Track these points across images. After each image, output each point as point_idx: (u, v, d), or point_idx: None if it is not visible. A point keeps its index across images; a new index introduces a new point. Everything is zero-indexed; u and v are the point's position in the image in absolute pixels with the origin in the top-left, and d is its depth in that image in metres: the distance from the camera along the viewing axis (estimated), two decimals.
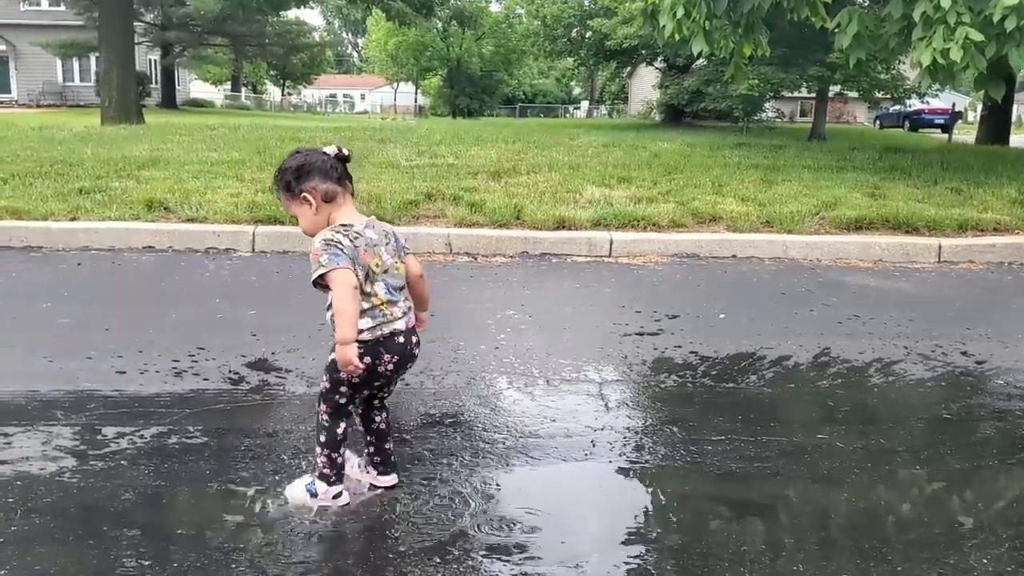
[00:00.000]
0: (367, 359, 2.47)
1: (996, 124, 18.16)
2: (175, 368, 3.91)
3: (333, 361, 2.52)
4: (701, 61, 25.07)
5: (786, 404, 3.76)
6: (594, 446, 3.20)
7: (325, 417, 2.62)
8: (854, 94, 29.46)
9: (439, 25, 50.57)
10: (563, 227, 7.05)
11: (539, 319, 4.92)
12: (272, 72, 61.26)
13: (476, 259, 6.56)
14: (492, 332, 4.62)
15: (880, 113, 41.60)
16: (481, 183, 8.51)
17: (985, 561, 2.44)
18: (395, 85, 63.91)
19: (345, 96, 75.52)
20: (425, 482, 2.85)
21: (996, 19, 7.27)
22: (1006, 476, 3.04)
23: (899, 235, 7.05)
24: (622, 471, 3.01)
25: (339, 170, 2.55)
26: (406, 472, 2.89)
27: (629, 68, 39.61)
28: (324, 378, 2.61)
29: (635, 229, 7.11)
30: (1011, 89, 16.76)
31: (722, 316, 5.08)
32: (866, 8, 9.95)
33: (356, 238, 2.48)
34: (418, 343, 2.68)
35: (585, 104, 62.54)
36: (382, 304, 2.53)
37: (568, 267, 6.43)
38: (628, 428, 3.38)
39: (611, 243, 6.80)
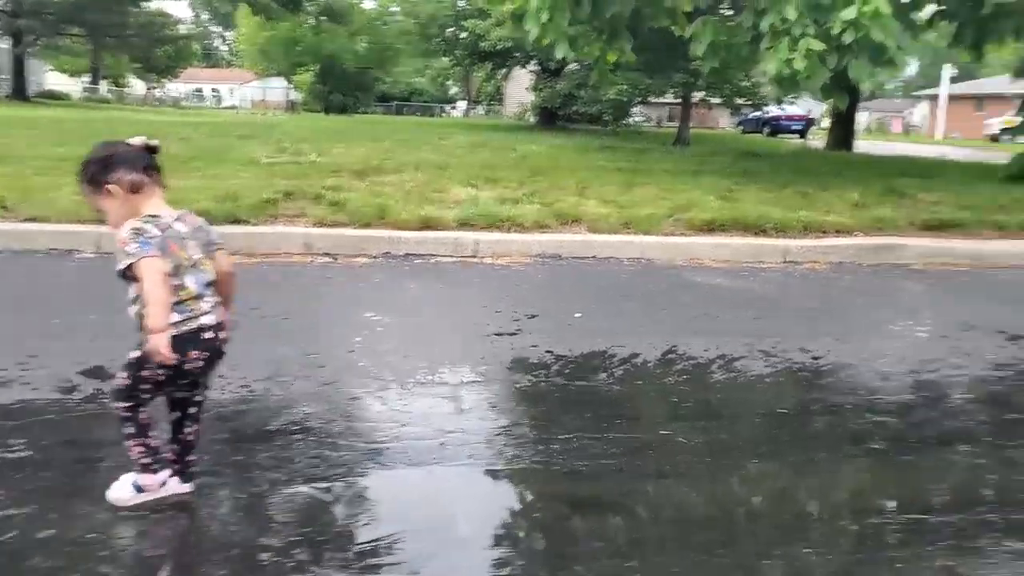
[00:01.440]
0: (174, 355, 2.40)
1: (843, 131, 19.21)
2: (1, 378, 3.70)
3: (137, 358, 2.45)
4: (573, 66, 25.52)
5: (633, 401, 3.86)
6: (444, 449, 3.20)
7: (125, 413, 2.52)
8: (717, 100, 30.66)
9: (310, 20, 49.62)
10: (428, 227, 7.05)
11: (398, 321, 4.90)
12: (135, 64, 58.73)
13: (337, 260, 6.47)
14: (347, 335, 4.57)
15: (742, 119, 43.34)
16: (345, 182, 8.41)
17: (823, 549, 2.57)
18: (265, 80, 62.28)
19: (213, 91, 73.12)
20: (262, 491, 2.79)
21: (835, 32, 7.70)
22: (838, 467, 3.21)
23: (749, 236, 7.36)
24: (472, 473, 3.03)
25: (146, 160, 2.50)
26: (241, 481, 2.83)
27: (505, 70, 39.89)
28: (123, 375, 2.50)
29: (500, 230, 7.18)
30: (855, 98, 17.77)
31: (579, 315, 5.18)
32: (720, 19, 10.34)
33: (166, 228, 2.43)
34: (226, 340, 2.60)
35: (462, 104, 62.62)
36: (190, 299, 2.48)
37: (432, 268, 6.43)
38: (480, 430, 3.40)
39: (476, 244, 6.84)
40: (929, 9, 10.92)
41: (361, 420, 3.47)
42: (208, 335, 2.51)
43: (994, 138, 36.07)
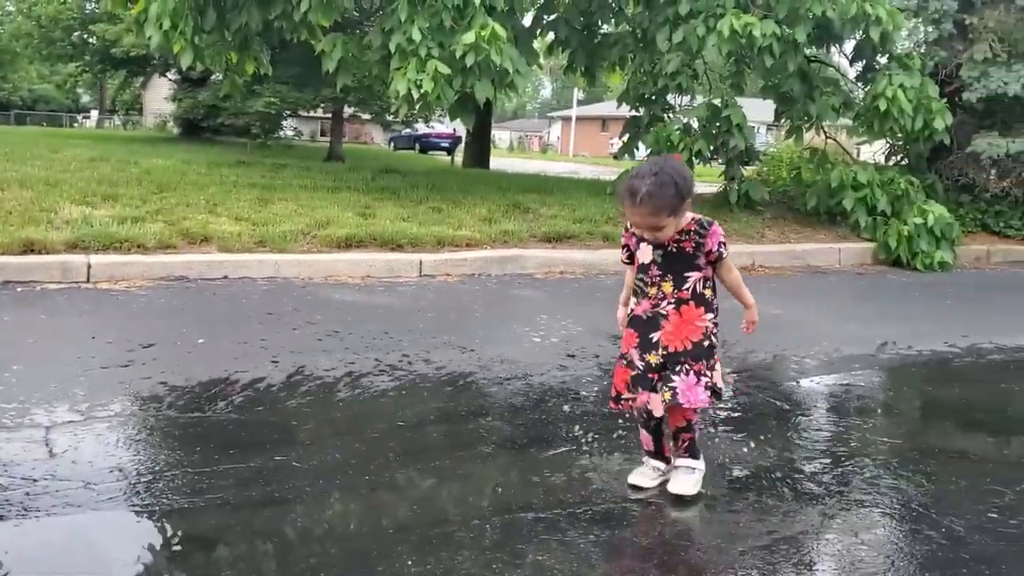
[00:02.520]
0: None
1: (478, 149, 20.29)
2: None
3: None
4: (217, 75, 24.50)
5: (251, 429, 3.73)
6: (31, 498, 2.88)
7: None
8: (367, 116, 31.04)
9: None
10: (32, 251, 6.36)
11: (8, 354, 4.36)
12: None
13: None
14: None
15: (394, 135, 44.28)
16: None
17: (426, 559, 2.63)
18: None
19: None
20: None
21: (458, 55, 8.11)
22: (447, 475, 3.33)
23: (386, 251, 7.49)
24: (63, 524, 2.75)
25: None
26: None
27: (142, 78, 37.36)
28: None
29: (118, 251, 6.67)
30: (488, 118, 18.90)
31: (201, 341, 4.94)
32: (352, 36, 10.46)
33: None
34: None
35: (95, 114, 57.68)
36: None
37: (36, 296, 5.81)
38: (73, 475, 3.10)
39: (89, 267, 6.29)
40: (549, 36, 11.86)
41: None
42: None
43: (616, 156, 40.13)
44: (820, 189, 10.44)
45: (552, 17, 11.24)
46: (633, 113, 11.45)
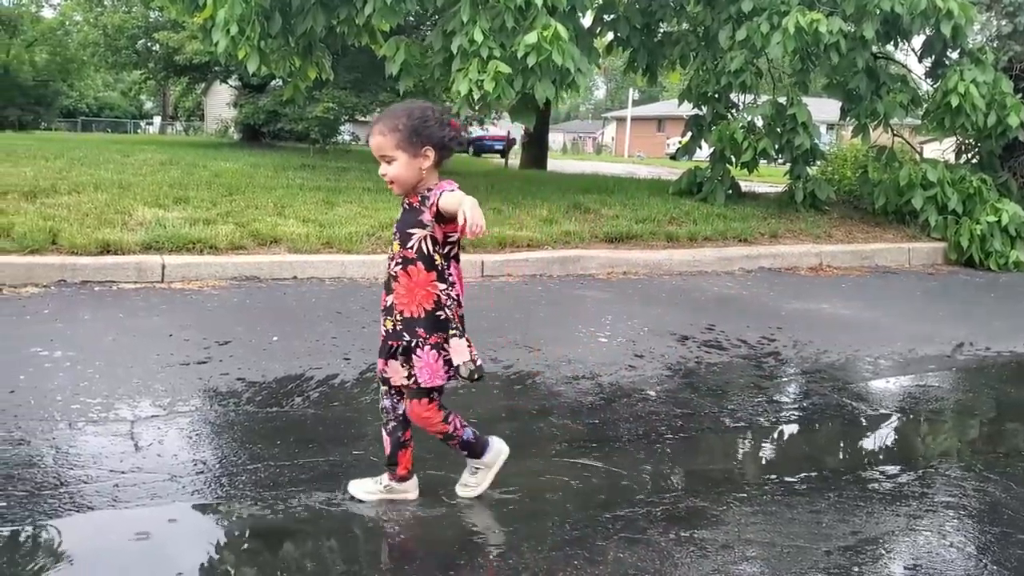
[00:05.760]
0: None
1: (536, 150, 20.30)
2: None
3: None
4: (277, 81, 24.93)
5: (328, 424, 3.79)
6: (119, 490, 2.96)
7: None
8: None
9: None
10: (108, 252, 6.54)
11: (70, 355, 4.48)
12: None
13: (1, 291, 5.82)
14: (10, 373, 4.12)
15: None
16: (11, 204, 7.59)
17: (505, 556, 2.64)
18: None
19: None
20: None
21: (520, 55, 8.13)
22: (519, 472, 3.33)
23: None
24: (149, 515, 2.82)
25: None
26: None
27: (203, 84, 38.14)
28: None
29: (191, 252, 6.81)
30: (546, 118, 18.88)
31: (275, 339, 5.02)
32: (414, 38, 10.56)
33: None
34: None
35: (158, 120, 59.01)
36: None
37: (113, 295, 5.96)
38: (158, 468, 3.18)
39: (163, 268, 6.44)
40: (608, 36, 11.84)
41: (21, 466, 3.12)
42: None
43: (673, 156, 39.84)
44: (888, 188, 10.24)
45: (612, 16, 11.20)
46: (695, 112, 11.36)
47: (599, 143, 62.66)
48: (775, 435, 3.97)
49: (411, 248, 2.74)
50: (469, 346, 2.80)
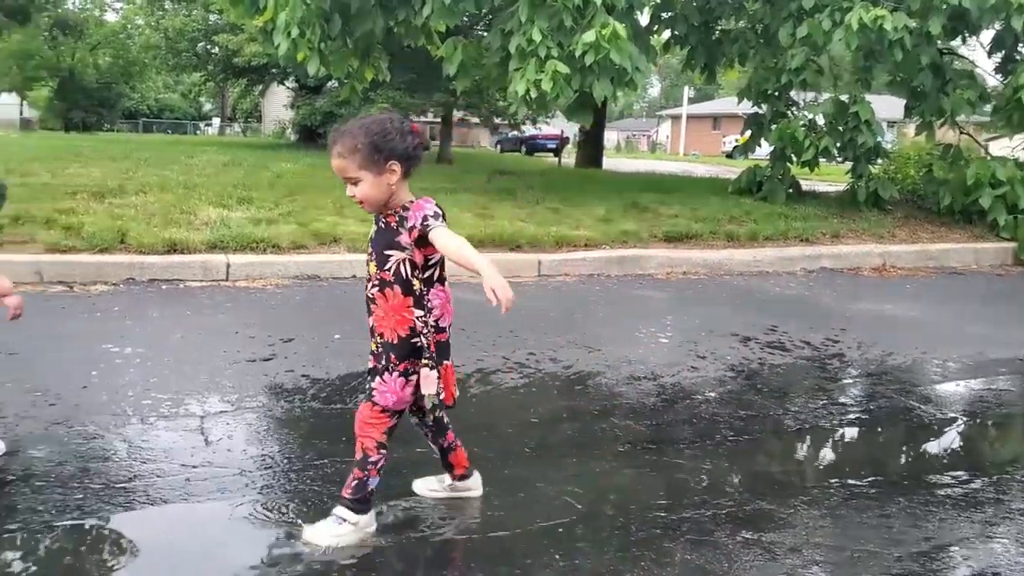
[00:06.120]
0: None
1: (592, 149, 20.23)
2: None
3: None
4: (332, 83, 25.23)
5: None
6: (189, 484, 3.02)
7: None
8: (476, 120, 31.41)
9: (44, 32, 45.81)
10: (175, 251, 6.68)
11: (140, 352, 4.59)
12: None
13: (72, 288, 5.99)
14: (82, 369, 4.23)
15: (501, 138, 44.65)
16: (81, 204, 7.80)
17: (572, 555, 2.64)
18: None
19: None
20: None
21: (578, 54, 8.11)
22: (583, 472, 3.33)
23: (504, 251, 7.56)
24: (217, 509, 2.87)
25: None
26: None
27: (261, 86, 38.77)
28: None
29: (254, 252, 6.92)
30: (601, 117, 18.79)
31: (337, 337, 5.09)
32: (471, 39, 10.60)
33: None
34: None
35: (217, 121, 60.12)
36: None
37: (180, 293, 6.09)
38: (227, 463, 3.24)
39: (228, 266, 6.56)
40: (666, 34, 11.77)
41: (96, 460, 3.20)
42: None
43: (729, 155, 39.39)
44: (954, 187, 10.00)
45: (670, 14, 11.12)
46: (754, 110, 11.22)
47: (653, 141, 62.23)
48: (841, 438, 3.91)
49: (388, 270, 2.60)
50: (439, 377, 2.65)
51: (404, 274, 2.60)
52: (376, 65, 11.42)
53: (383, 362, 2.66)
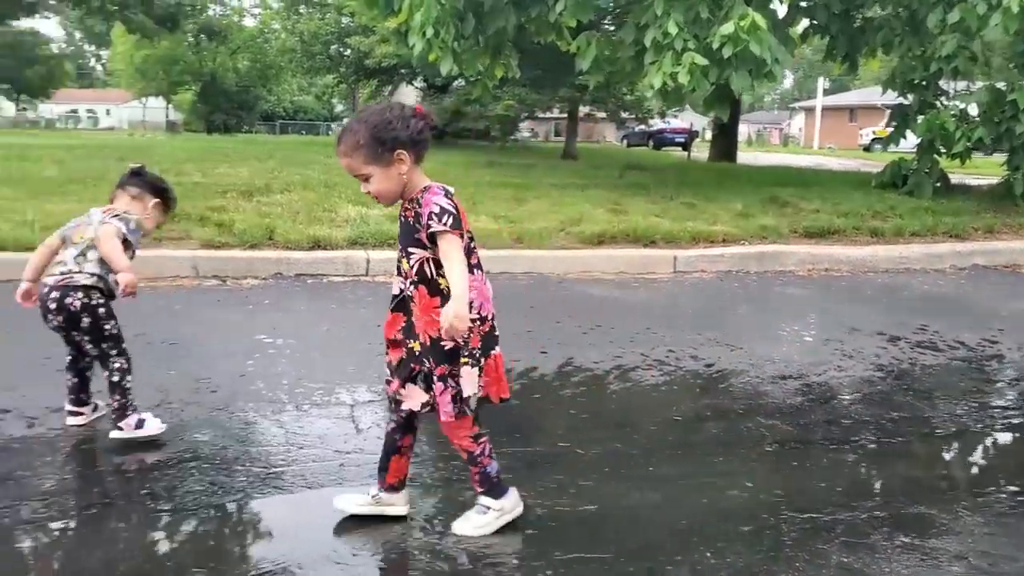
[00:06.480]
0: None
1: (725, 142, 19.80)
2: None
3: None
4: (459, 82, 25.63)
5: (531, 415, 3.86)
6: (344, 470, 3.13)
7: None
8: (602, 115, 31.27)
9: (189, 38, 48.33)
10: (319, 247, 6.92)
11: (291, 343, 4.78)
12: (3, 85, 56.07)
13: (225, 282, 6.29)
14: (239, 359, 4.43)
15: (627, 132, 44.29)
16: (231, 202, 8.19)
17: (724, 555, 2.60)
18: (144, 100, 60.34)
19: (88, 111, 70.52)
20: (161, 523, 2.67)
21: (715, 46, 7.96)
22: (730, 471, 3.27)
23: (639, 247, 7.50)
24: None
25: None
26: (135, 510, 2.69)
27: (390, 87, 39.74)
28: None
29: (392, 248, 7.08)
30: (736, 110, 18.38)
31: None
32: (608, 33, 10.56)
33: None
34: (56, 299, 3.20)
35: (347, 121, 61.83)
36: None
37: (324, 287, 6.31)
38: (377, 449, 3.31)
39: (368, 262, 6.75)
40: (803, 23, 11.42)
41: (256, 444, 3.36)
42: (43, 290, 3.25)
43: (866, 148, 37.90)
44: None
45: (809, 3, 10.77)
46: (899, 101, 10.75)
47: (785, 134, 60.44)
48: (1003, 443, 3.71)
49: (413, 269, 2.52)
50: (482, 373, 2.58)
51: (429, 274, 2.50)
52: (506, 63, 11.52)
53: (426, 366, 2.57)
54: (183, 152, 13.65)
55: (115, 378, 3.29)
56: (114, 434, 3.30)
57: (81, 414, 3.46)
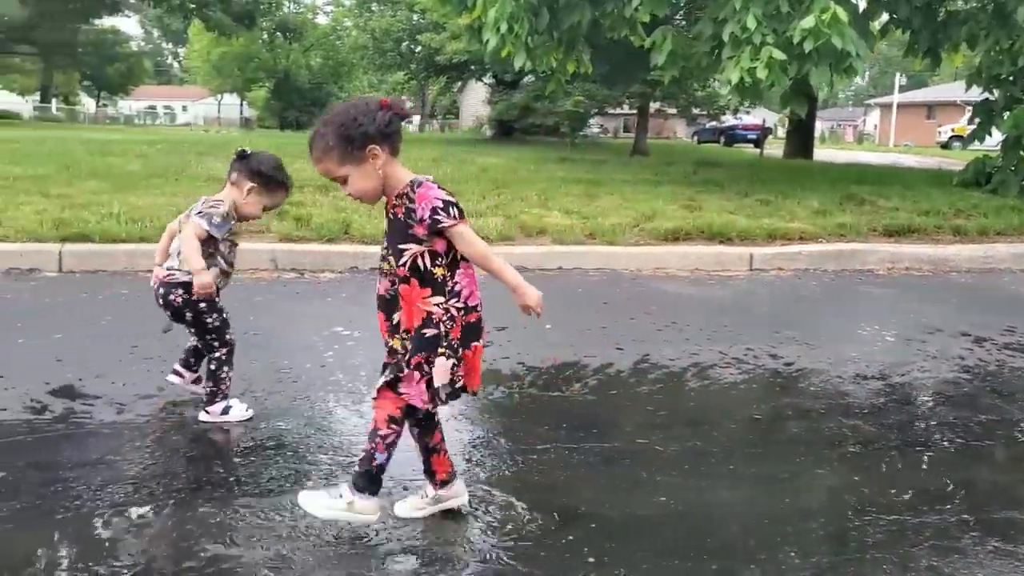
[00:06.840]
0: None
1: (801, 139, 19.47)
2: None
3: None
4: (529, 77, 25.64)
5: (608, 411, 3.85)
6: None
7: None
8: (673, 111, 30.99)
9: (264, 36, 49.31)
10: None
11: (368, 335, 4.84)
12: (86, 82, 57.99)
13: (303, 275, 6.41)
14: (319, 350, 4.52)
15: (698, 129, 43.84)
16: (308, 197, 8.33)
17: (808, 555, 2.57)
18: (219, 97, 61.80)
19: (166, 108, 72.53)
20: (245, 507, 2.74)
21: (796, 40, 7.82)
22: (812, 471, 3.22)
23: (714, 244, 7.42)
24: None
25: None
26: (219, 496, 2.76)
27: (460, 83, 39.97)
28: None
29: None
30: (813, 106, 18.04)
31: (548, 327, 5.14)
32: (679, 28, 10.46)
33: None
34: (162, 295, 3.40)
35: (416, 118, 62.52)
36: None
37: None
38: (455, 441, 3.36)
39: None
40: (883, 18, 11.15)
41: (337, 433, 3.43)
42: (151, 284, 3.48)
43: (945, 145, 36.82)
44: None
45: None
46: (984, 96, 10.42)
47: (860, 131, 59.10)
48: None
49: (403, 265, 2.47)
50: (459, 364, 2.54)
51: (422, 266, 2.46)
52: (579, 58, 11.50)
53: (407, 357, 2.51)
54: (260, 147, 13.91)
55: (212, 366, 3.48)
56: (202, 417, 3.45)
57: (182, 376, 3.65)
